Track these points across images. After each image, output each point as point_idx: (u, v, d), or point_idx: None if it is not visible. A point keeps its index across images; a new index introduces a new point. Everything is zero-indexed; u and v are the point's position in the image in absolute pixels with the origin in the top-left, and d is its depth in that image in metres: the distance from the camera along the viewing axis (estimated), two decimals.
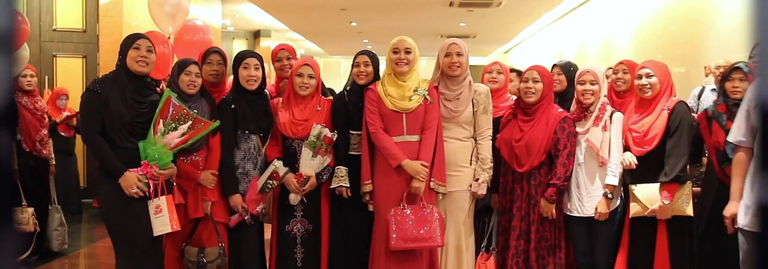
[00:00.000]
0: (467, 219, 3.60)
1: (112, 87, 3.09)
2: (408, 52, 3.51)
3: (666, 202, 3.19)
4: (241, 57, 3.60)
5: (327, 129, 3.52)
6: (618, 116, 3.41)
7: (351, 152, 3.63)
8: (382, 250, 3.45)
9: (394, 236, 3.34)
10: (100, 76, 3.35)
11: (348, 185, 3.55)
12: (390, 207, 3.44)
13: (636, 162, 3.30)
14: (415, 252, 3.44)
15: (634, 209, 3.29)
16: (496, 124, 3.67)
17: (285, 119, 3.58)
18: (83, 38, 7.60)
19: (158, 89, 3.35)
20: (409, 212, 3.39)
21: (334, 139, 3.52)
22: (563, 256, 3.51)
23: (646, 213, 3.24)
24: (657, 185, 3.23)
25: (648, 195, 3.23)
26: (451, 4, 10.32)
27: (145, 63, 3.14)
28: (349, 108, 3.63)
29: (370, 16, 12.02)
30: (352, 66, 3.72)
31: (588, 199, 3.41)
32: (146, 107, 3.13)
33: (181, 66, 3.40)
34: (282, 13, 12.10)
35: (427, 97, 3.47)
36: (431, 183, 3.46)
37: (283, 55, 4.01)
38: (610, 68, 4.04)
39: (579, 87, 3.46)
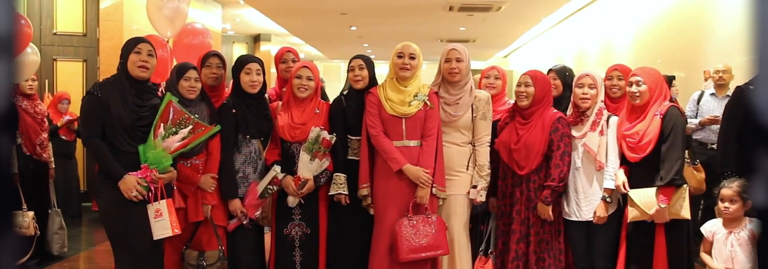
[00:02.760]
0: (463, 224, 3.60)
1: (112, 91, 3.09)
2: (412, 58, 3.52)
3: (663, 206, 3.19)
4: (243, 62, 3.60)
5: (325, 132, 3.52)
6: (614, 119, 3.42)
7: (350, 157, 3.64)
8: (386, 258, 3.45)
9: (404, 248, 3.35)
10: (101, 80, 3.35)
11: (346, 192, 3.55)
12: (390, 211, 3.45)
13: (624, 179, 3.31)
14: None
15: (632, 213, 3.29)
16: (494, 127, 3.68)
17: (284, 123, 3.59)
18: (84, 42, 7.61)
19: (158, 92, 3.36)
20: (415, 222, 3.40)
21: (333, 142, 3.53)
22: (563, 259, 3.51)
23: (646, 218, 3.24)
24: (653, 190, 3.24)
25: (645, 199, 3.24)
26: (450, 9, 10.33)
27: (145, 68, 3.14)
28: (348, 113, 3.63)
29: (370, 20, 12.03)
30: (348, 71, 3.73)
31: (586, 203, 3.42)
32: (147, 111, 3.13)
33: (180, 71, 3.41)
34: (282, 18, 12.11)
35: (427, 102, 3.48)
36: (433, 190, 3.47)
37: (288, 57, 4.03)
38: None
39: (577, 91, 3.47)
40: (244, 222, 3.51)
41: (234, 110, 3.51)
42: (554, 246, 3.49)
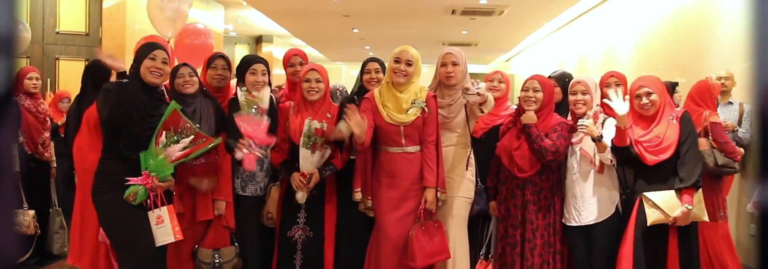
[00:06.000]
0: (461, 226, 3.60)
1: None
2: (409, 65, 3.46)
3: (689, 207, 3.18)
4: (248, 62, 3.63)
5: (315, 121, 3.51)
6: (610, 121, 3.41)
7: (353, 157, 3.63)
8: (391, 262, 3.43)
9: (419, 254, 3.35)
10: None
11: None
12: (394, 215, 3.44)
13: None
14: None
15: (652, 216, 3.22)
16: (496, 132, 3.68)
17: (296, 126, 3.57)
18: (86, 41, 7.62)
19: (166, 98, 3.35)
20: (426, 228, 3.41)
21: (325, 129, 3.50)
22: (564, 264, 3.51)
23: (669, 220, 3.22)
24: (673, 192, 3.23)
25: (668, 202, 3.21)
26: (453, 12, 10.34)
27: (158, 74, 3.13)
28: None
29: (372, 23, 12.05)
30: (363, 72, 3.73)
31: (584, 208, 3.43)
32: (156, 121, 3.08)
33: (173, 71, 3.43)
34: (284, 19, 12.13)
35: (425, 108, 3.44)
36: (437, 193, 3.47)
37: (296, 60, 4.02)
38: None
39: (571, 97, 3.51)
40: (254, 151, 3.34)
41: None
42: (555, 250, 3.49)
